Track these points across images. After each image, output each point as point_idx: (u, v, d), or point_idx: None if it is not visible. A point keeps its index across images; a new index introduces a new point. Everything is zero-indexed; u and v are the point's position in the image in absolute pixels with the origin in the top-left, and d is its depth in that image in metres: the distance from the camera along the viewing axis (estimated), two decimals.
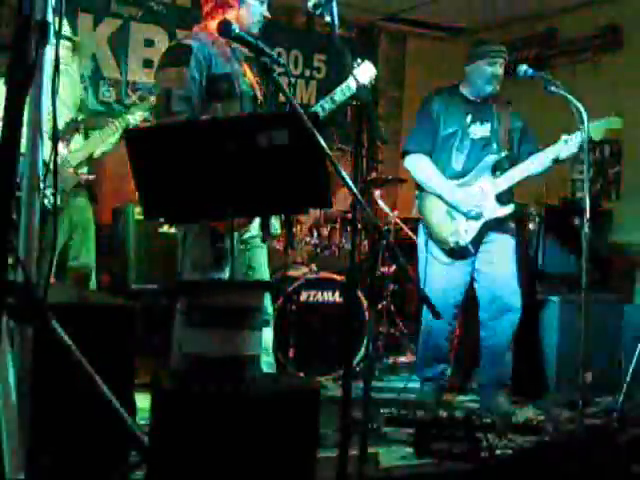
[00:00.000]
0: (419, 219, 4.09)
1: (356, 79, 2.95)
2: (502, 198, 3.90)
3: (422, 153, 3.93)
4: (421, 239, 4.04)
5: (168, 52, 3.20)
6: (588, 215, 3.56)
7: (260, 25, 3.20)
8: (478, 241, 3.90)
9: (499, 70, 3.89)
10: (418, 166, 3.95)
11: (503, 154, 3.92)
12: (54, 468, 2.31)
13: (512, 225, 4.00)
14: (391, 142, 6.89)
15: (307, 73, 6.70)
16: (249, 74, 3.22)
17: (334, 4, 2.64)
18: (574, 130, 3.73)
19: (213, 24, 3.07)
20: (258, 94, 3.21)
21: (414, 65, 7.17)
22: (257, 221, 3.13)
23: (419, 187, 4.03)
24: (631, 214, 5.29)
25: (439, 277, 3.89)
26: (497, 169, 3.92)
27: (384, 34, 7.16)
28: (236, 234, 3.01)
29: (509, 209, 3.91)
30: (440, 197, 3.90)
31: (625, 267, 5.13)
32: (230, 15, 3.12)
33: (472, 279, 3.98)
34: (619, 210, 5.29)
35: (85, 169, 4.21)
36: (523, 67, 3.86)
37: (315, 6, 2.76)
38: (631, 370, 3.83)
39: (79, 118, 4.23)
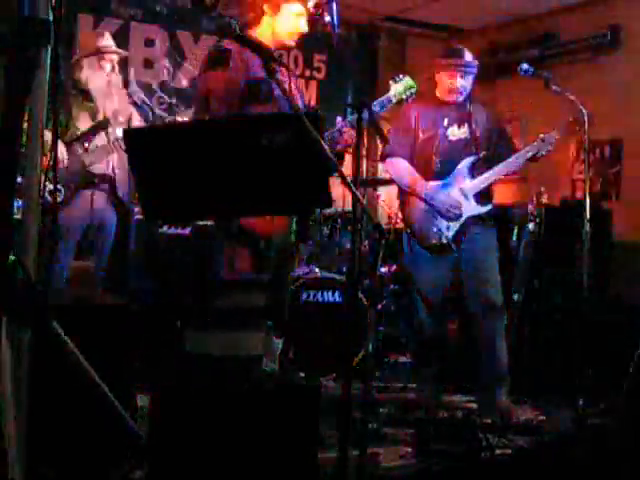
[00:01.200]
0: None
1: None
2: (481, 198, 3.95)
3: (398, 156, 4.00)
4: (404, 239, 4.10)
5: (209, 56, 3.25)
6: (588, 215, 3.56)
7: (295, 38, 3.21)
8: (460, 238, 3.93)
9: (460, 83, 3.94)
10: (397, 169, 4.02)
11: (481, 154, 3.97)
12: (54, 468, 2.31)
13: (493, 224, 4.03)
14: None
15: (307, 73, 6.70)
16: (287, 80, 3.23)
17: (334, 4, 2.65)
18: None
19: (253, 32, 3.16)
20: (296, 100, 3.20)
21: (414, 65, 7.17)
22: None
23: (400, 188, 4.11)
24: (631, 214, 5.29)
25: (424, 274, 3.91)
26: (476, 169, 3.97)
27: (384, 34, 7.16)
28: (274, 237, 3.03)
29: (487, 207, 3.96)
30: (421, 198, 3.96)
31: (625, 267, 5.13)
32: (266, 24, 3.17)
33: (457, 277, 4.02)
34: (619, 210, 5.29)
35: (104, 167, 4.15)
36: (524, 66, 3.88)
37: (315, 6, 2.77)
38: (631, 370, 3.82)
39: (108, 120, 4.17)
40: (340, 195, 4.47)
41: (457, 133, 3.99)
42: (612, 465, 2.77)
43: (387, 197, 5.65)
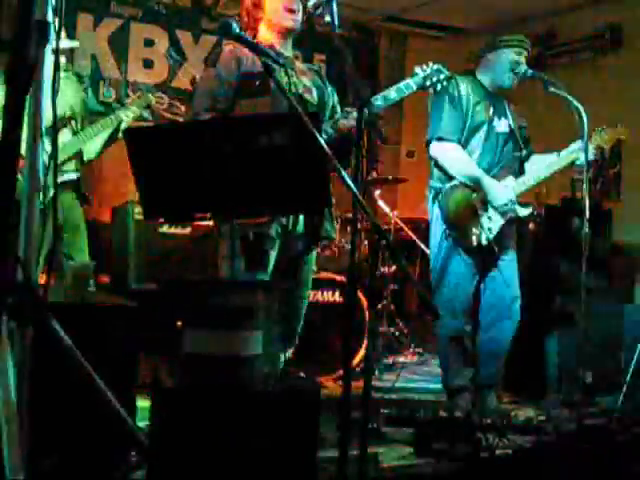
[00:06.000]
0: (431, 215, 3.85)
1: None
2: (519, 199, 3.80)
3: (454, 141, 3.71)
4: (437, 234, 3.82)
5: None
6: (588, 215, 3.56)
7: (297, 16, 3.15)
8: (497, 240, 3.74)
9: (523, 62, 3.77)
10: (452, 155, 3.71)
11: (524, 153, 3.85)
12: (54, 468, 2.31)
13: (514, 229, 3.93)
14: (391, 142, 6.89)
15: None
16: (303, 77, 3.24)
17: (334, 4, 2.64)
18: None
19: (258, 34, 3.20)
20: (307, 96, 3.20)
21: (414, 65, 7.16)
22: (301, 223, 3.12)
23: (439, 180, 3.80)
24: (631, 214, 5.30)
25: (459, 277, 3.76)
26: (518, 168, 3.84)
27: (384, 34, 7.17)
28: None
29: (528, 210, 3.82)
30: (475, 189, 3.70)
31: (625, 267, 5.13)
32: (264, 21, 3.19)
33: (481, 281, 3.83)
34: (619, 210, 5.29)
35: (72, 167, 4.13)
36: (523, 67, 3.85)
37: (315, 6, 2.76)
38: (631, 370, 3.83)
39: (67, 115, 4.13)
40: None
41: (500, 125, 3.80)
42: (611, 465, 2.77)
43: (386, 197, 5.66)
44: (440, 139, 3.72)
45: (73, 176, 4.15)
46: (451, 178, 3.75)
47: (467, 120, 3.73)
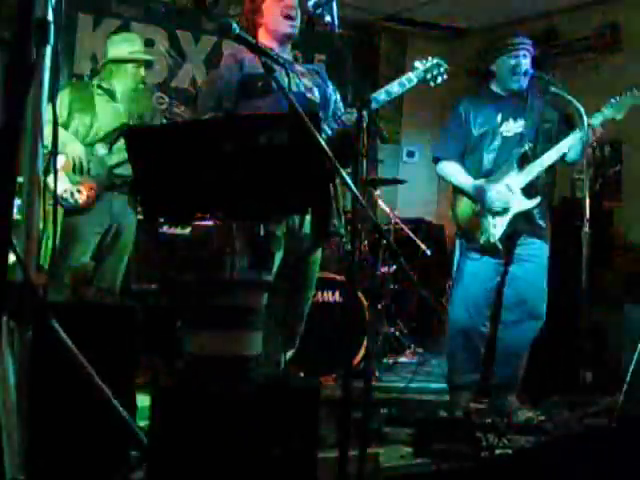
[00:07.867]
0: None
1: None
2: (529, 191, 3.80)
3: (451, 159, 3.92)
4: (457, 243, 4.02)
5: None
6: (588, 215, 3.56)
7: (295, 22, 3.18)
8: (509, 239, 3.81)
9: (523, 62, 3.81)
10: (448, 171, 3.93)
11: (526, 147, 3.84)
12: (54, 468, 2.31)
13: (546, 230, 3.91)
14: (391, 142, 6.89)
15: None
16: (304, 78, 3.27)
17: (334, 4, 2.65)
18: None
19: (257, 39, 3.19)
20: (310, 95, 3.23)
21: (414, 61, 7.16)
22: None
23: (453, 191, 4.00)
24: (631, 214, 5.29)
25: (471, 276, 3.85)
26: (525, 163, 3.83)
27: (384, 34, 7.16)
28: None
29: (535, 201, 3.80)
30: (468, 195, 3.86)
31: (625, 267, 5.13)
32: (262, 27, 3.22)
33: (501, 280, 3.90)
34: (619, 210, 5.29)
35: (126, 170, 4.05)
36: (523, 68, 3.84)
37: (315, 6, 2.77)
38: (631, 370, 3.83)
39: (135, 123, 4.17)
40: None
41: (512, 127, 3.85)
42: (612, 465, 2.77)
43: (386, 197, 5.66)
44: (438, 159, 3.98)
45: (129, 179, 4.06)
46: (456, 188, 3.95)
47: (470, 135, 3.89)
